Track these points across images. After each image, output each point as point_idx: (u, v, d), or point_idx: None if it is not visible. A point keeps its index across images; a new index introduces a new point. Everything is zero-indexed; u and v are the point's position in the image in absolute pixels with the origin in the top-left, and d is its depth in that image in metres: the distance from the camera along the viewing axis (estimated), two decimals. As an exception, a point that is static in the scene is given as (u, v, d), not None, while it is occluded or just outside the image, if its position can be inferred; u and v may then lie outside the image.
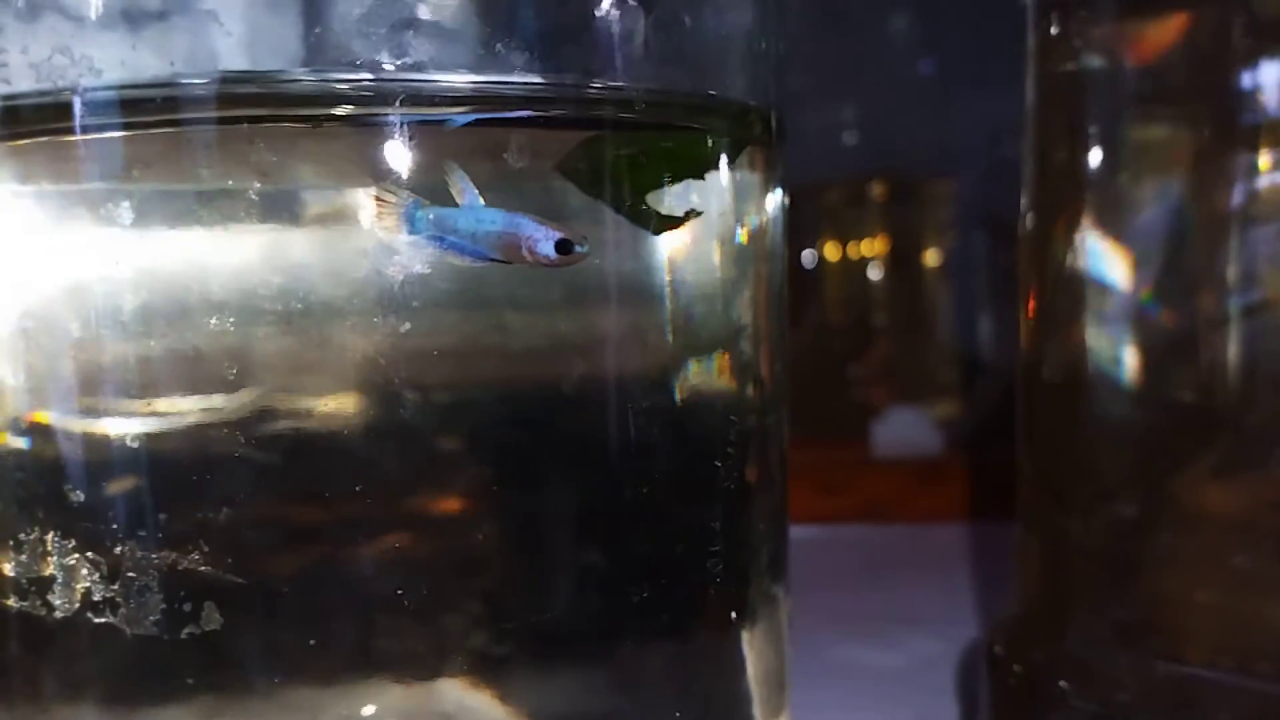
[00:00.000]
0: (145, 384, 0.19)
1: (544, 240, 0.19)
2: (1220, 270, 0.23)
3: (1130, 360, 0.24)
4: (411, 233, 0.19)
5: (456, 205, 0.19)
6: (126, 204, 0.18)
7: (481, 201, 0.19)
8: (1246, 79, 0.23)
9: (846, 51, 0.72)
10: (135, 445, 0.19)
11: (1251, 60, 0.22)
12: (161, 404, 0.19)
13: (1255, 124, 0.23)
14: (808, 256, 0.69)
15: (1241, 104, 0.23)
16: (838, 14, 0.71)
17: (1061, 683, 0.23)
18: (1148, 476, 0.24)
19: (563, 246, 0.19)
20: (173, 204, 0.19)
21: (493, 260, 0.19)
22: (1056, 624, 0.24)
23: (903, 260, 0.70)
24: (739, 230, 0.22)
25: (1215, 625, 0.23)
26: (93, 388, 0.19)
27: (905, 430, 0.56)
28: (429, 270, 0.19)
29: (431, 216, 0.19)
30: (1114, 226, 0.24)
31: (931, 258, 0.71)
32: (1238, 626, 0.23)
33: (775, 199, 0.24)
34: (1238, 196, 0.23)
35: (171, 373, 0.19)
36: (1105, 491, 0.24)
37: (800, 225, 0.70)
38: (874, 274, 0.70)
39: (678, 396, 0.21)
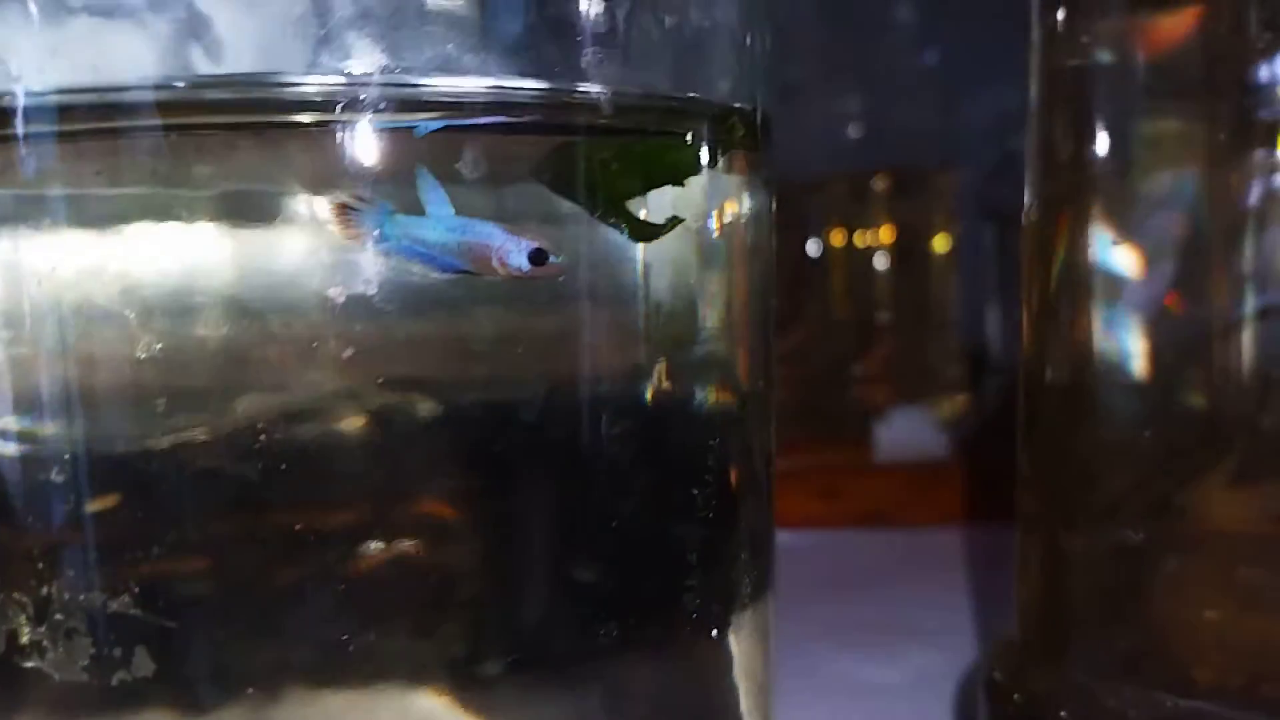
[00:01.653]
0: (77, 404, 0.18)
1: (516, 251, 0.18)
2: (1232, 271, 0.22)
3: (1138, 364, 0.23)
4: (379, 242, 0.18)
5: (423, 213, 0.18)
6: (60, 211, 0.18)
7: (451, 209, 0.18)
8: (1260, 73, 0.22)
9: (851, 43, 0.71)
10: (66, 468, 0.18)
11: (1266, 54, 0.22)
12: (98, 424, 0.18)
13: (1270, 119, 0.22)
14: (812, 250, 0.68)
15: (1254, 99, 0.22)
16: (842, 5, 0.70)
17: (1061, 713, 0.22)
18: (1154, 487, 0.23)
19: (537, 257, 0.18)
20: (113, 210, 0.18)
21: (462, 271, 0.18)
22: (1057, 650, 0.23)
23: (907, 255, 0.69)
24: (719, 234, 0.21)
25: (1225, 650, 0.22)
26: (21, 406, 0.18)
27: (908, 432, 0.55)
28: (379, 281, 0.18)
29: (399, 226, 0.18)
30: (1121, 225, 0.23)
31: (937, 253, 0.70)
32: (1249, 650, 0.22)
33: (760, 201, 0.23)
34: (1251, 194, 0.22)
35: (107, 392, 0.18)
36: (1110, 503, 0.23)
37: (804, 219, 0.69)
38: (878, 269, 0.69)
39: (650, 406, 0.20)
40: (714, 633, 0.22)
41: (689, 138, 0.20)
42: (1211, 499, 0.23)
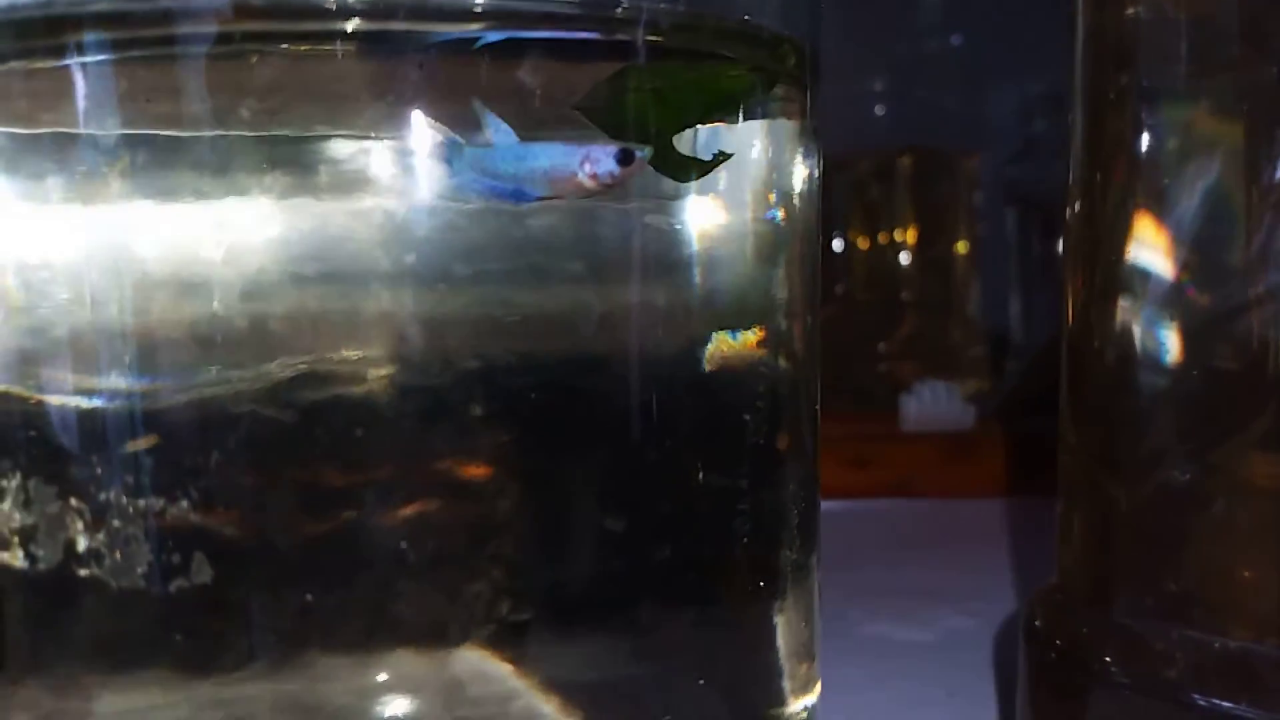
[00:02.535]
0: (131, 338, 0.18)
1: (604, 157, 0.18)
2: (1271, 240, 0.22)
3: (1181, 330, 0.23)
4: (452, 177, 0.17)
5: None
6: (109, 144, 0.17)
7: (515, 137, 0.17)
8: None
9: (877, 22, 0.71)
10: (131, 405, 0.18)
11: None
12: (163, 362, 0.18)
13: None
14: (837, 229, 0.68)
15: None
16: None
17: (1106, 658, 0.22)
18: (1196, 446, 0.23)
19: (625, 157, 0.18)
20: (164, 143, 0.17)
21: (540, 199, 0.18)
22: (1100, 597, 0.23)
23: (932, 234, 0.69)
24: (771, 182, 0.21)
25: (1267, 598, 0.22)
26: (83, 351, 0.18)
27: (935, 404, 0.55)
28: (450, 220, 0.18)
29: (469, 160, 0.17)
30: (1168, 194, 0.23)
31: (961, 232, 0.70)
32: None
33: (810, 151, 0.22)
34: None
35: (160, 329, 0.18)
36: (1152, 461, 0.23)
37: (830, 198, 0.69)
38: (903, 248, 0.69)
39: (705, 362, 0.20)
40: (761, 584, 0.22)
41: (739, 64, 0.20)
42: (1247, 457, 0.23)
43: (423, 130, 0.17)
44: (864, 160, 0.68)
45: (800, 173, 0.22)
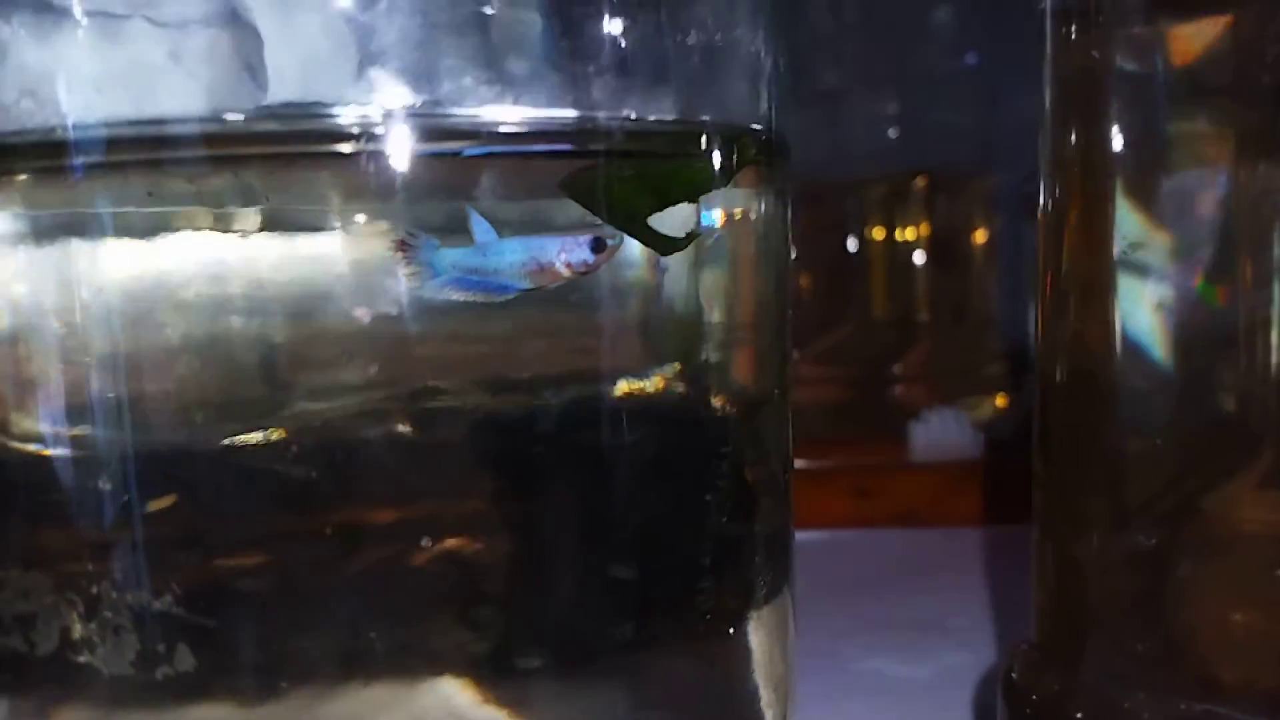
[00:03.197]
0: (126, 412, 0.19)
1: (577, 247, 0.19)
2: (1258, 272, 0.23)
3: (1156, 366, 0.24)
4: (433, 279, 0.18)
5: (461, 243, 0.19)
6: (113, 229, 0.19)
7: (495, 235, 0.19)
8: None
9: (889, 45, 0.71)
10: (114, 472, 0.19)
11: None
12: (146, 430, 0.19)
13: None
14: (851, 252, 0.68)
15: (1269, 109, 0.22)
16: (880, 9, 0.70)
17: (1077, 715, 0.22)
18: (1177, 490, 0.23)
19: (597, 245, 0.19)
20: (163, 227, 0.19)
21: (521, 290, 0.19)
22: (1074, 652, 0.24)
23: (946, 257, 0.69)
24: (732, 245, 0.22)
25: (1243, 654, 0.22)
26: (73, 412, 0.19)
27: (944, 432, 0.55)
28: (405, 295, 0.19)
29: (448, 260, 0.18)
30: (1137, 230, 0.24)
31: (975, 254, 0.70)
32: (1268, 655, 0.22)
33: (773, 212, 0.23)
34: (1270, 200, 0.22)
35: (154, 399, 0.19)
36: (1129, 506, 0.24)
37: (843, 221, 0.70)
38: (916, 271, 0.69)
39: (667, 412, 0.21)
40: (730, 630, 0.23)
41: (703, 158, 0.21)
42: (1238, 501, 0.23)
43: (399, 239, 0.18)
44: (877, 184, 0.68)
45: (763, 229, 0.23)
